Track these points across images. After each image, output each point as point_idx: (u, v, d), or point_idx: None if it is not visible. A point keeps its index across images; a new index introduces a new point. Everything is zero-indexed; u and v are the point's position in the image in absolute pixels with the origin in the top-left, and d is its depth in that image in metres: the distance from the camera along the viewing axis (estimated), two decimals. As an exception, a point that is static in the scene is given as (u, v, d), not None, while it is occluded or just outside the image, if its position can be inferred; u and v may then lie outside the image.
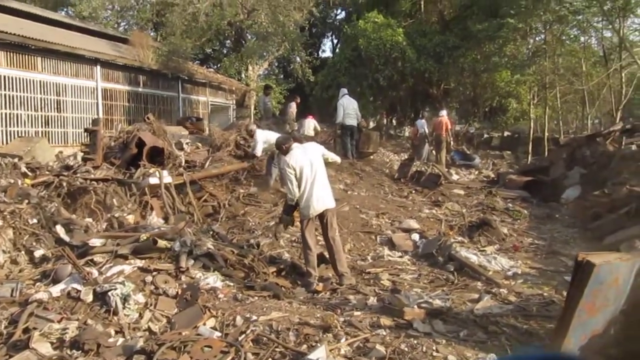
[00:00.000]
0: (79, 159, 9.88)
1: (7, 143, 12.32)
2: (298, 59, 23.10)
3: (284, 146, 6.45)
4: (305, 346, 4.37)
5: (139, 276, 5.58)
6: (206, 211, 8.81)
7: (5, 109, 13.10)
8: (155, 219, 7.59)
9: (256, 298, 5.53)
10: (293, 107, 15.86)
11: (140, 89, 17.86)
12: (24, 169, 8.67)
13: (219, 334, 4.64)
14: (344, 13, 32.94)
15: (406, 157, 16.15)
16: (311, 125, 15.22)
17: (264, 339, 4.47)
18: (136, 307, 5.07)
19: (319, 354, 4.06)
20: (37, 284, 5.59)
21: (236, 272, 6.20)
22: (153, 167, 9.07)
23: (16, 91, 13.43)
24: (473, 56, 22.25)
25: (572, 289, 4.20)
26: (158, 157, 9.62)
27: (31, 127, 13.87)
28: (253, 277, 6.14)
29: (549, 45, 19.71)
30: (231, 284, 5.87)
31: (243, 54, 21.21)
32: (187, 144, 10.89)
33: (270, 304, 5.36)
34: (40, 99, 14.16)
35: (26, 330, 4.58)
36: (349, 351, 4.31)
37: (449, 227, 9.12)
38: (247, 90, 22.63)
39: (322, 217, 6.34)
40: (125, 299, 5.07)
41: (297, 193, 6.22)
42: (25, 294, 5.27)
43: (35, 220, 6.88)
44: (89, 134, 10.45)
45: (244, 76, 23.29)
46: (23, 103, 13.65)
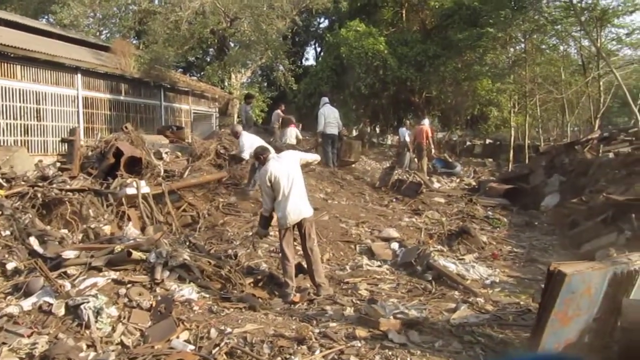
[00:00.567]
0: (57, 168, 9.73)
1: (-16, 152, 12.12)
2: (281, 67, 23.12)
3: (261, 156, 6.47)
4: (279, 359, 4.33)
5: (112, 289, 5.49)
6: (185, 221, 8.71)
7: (-16, 117, 12.94)
8: (132, 229, 7.49)
9: (232, 310, 5.46)
10: (280, 114, 15.85)
11: (122, 97, 17.73)
12: (-1, 179, 8.52)
13: (192, 347, 4.58)
14: (326, 21, 33.18)
15: (388, 165, 16.14)
16: (293, 133, 15.21)
17: (238, 351, 4.42)
18: (109, 320, 4.98)
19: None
20: (8, 297, 5.46)
21: (212, 283, 6.13)
22: (131, 177, 8.95)
23: (-5, 100, 13.26)
24: (454, 65, 22.49)
25: (544, 298, 4.22)
26: (136, 167, 9.52)
27: (10, 136, 13.70)
28: (230, 288, 6.07)
29: (529, 54, 19.99)
30: (207, 295, 5.79)
31: (226, 62, 21.21)
32: (166, 153, 10.78)
33: (245, 316, 5.30)
34: (20, 107, 13.99)
35: (-5, 346, 4.48)
36: (323, 363, 4.28)
37: (428, 236, 9.11)
38: (230, 98, 22.60)
39: (300, 227, 6.31)
40: (98, 312, 4.98)
41: (270, 206, 6.25)
42: (-4, 308, 5.15)
43: (8, 232, 6.75)
44: (66, 143, 10.32)
45: (227, 84, 23.24)
46: (2, 111, 13.48)
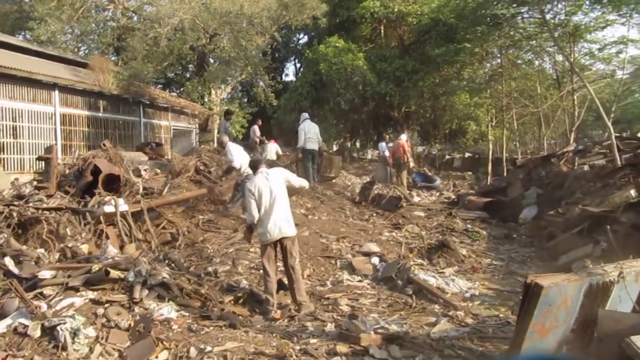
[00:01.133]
0: (34, 186, 9.60)
1: (-41, 171, 11.92)
2: (261, 83, 23.11)
3: (255, 168, 6.57)
4: (259, 377, 4.30)
5: (90, 309, 5.42)
6: (164, 239, 8.64)
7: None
8: (111, 248, 7.39)
9: (212, 328, 5.42)
10: (257, 130, 15.88)
11: (100, 114, 17.59)
12: (-27, 199, 8.38)
13: (171, 367, 4.53)
14: (306, 37, 33.31)
15: (368, 180, 16.22)
16: (273, 149, 15.24)
17: (218, 370, 4.38)
18: (86, 341, 4.91)
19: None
20: (-18, 320, 5.35)
21: (192, 301, 6.07)
22: (109, 195, 8.87)
23: (-31, 117, 13.09)
24: (432, 80, 22.76)
25: (522, 311, 4.24)
26: (114, 184, 9.42)
27: (-15, 153, 13.50)
28: (209, 306, 6.02)
29: (505, 69, 20.33)
30: (186, 314, 5.74)
31: (205, 78, 21.16)
32: (145, 170, 10.70)
33: (225, 334, 5.27)
34: (-5, 125, 13.82)
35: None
36: (303, 381, 4.26)
37: (408, 250, 9.15)
38: (210, 114, 22.52)
39: (282, 244, 6.30)
40: (75, 333, 4.90)
41: (254, 214, 6.23)
42: (-31, 331, 5.04)
43: (-18, 253, 6.63)
44: (43, 161, 10.19)
45: (206, 100, 23.16)
46: (-23, 130, 13.30)
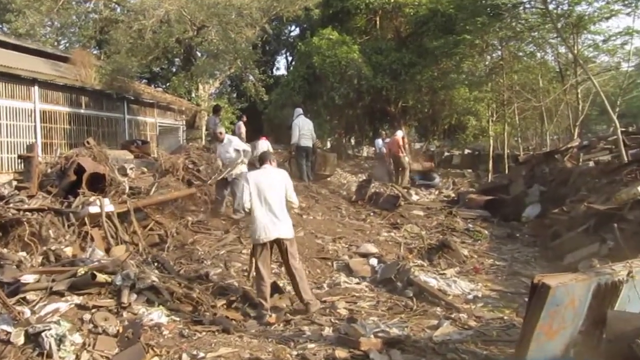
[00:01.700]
0: (14, 187, 9.55)
1: None
2: (251, 77, 23.08)
3: (263, 160, 6.69)
4: (255, 384, 4.31)
5: (76, 314, 5.39)
6: (152, 241, 8.62)
7: None
8: (96, 250, 7.37)
9: (204, 333, 5.41)
10: (242, 126, 15.86)
11: (82, 111, 17.49)
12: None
13: (162, 374, 4.53)
14: (298, 30, 33.29)
15: (364, 178, 16.23)
16: (264, 147, 15.19)
17: (212, 377, 4.38)
18: (73, 348, 4.89)
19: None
20: (-38, 327, 5.32)
21: (183, 305, 6.07)
22: (94, 195, 8.84)
23: (-56, 115, 13.00)
24: (430, 73, 22.76)
25: (529, 311, 4.27)
26: (99, 184, 9.39)
27: (-39, 153, 13.42)
28: (201, 310, 6.02)
29: (506, 62, 20.34)
30: (177, 319, 5.73)
31: (193, 72, 21.08)
32: (131, 169, 10.69)
33: (219, 339, 5.27)
34: (-28, 123, 13.74)
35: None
36: (301, 387, 4.27)
37: (408, 251, 9.20)
38: (198, 110, 22.49)
39: (280, 246, 6.32)
40: (61, 339, 4.88)
41: (247, 200, 6.28)
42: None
43: (-39, 257, 6.60)
44: (23, 160, 10.14)
45: (194, 96, 23.13)
46: (-48, 128, 13.20)
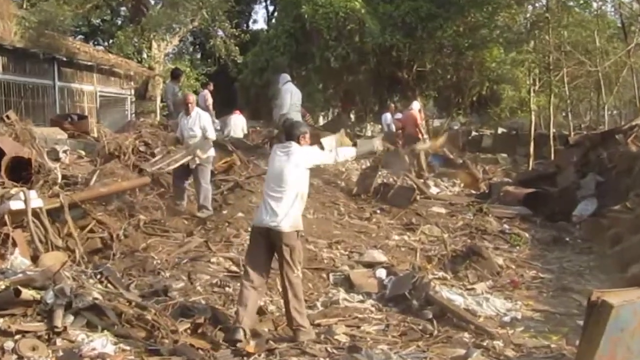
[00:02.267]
0: None
1: None
2: (220, 32, 23.04)
3: (299, 134, 6.56)
4: None
5: (-6, 342, 5.40)
6: (93, 246, 8.63)
7: None
8: (19, 259, 7.36)
9: (162, 366, 5.44)
10: (208, 97, 15.81)
11: (-1, 75, 17.43)
12: None
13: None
14: (282, -30, 33.17)
15: (369, 164, 16.24)
16: (239, 124, 15.22)
17: None
18: (-10, 386, 4.91)
19: None
20: None
21: (134, 330, 6.07)
22: (16, 185, 8.81)
23: None
24: (455, 29, 22.73)
25: (584, 338, 4.32)
26: (23, 171, 9.37)
27: None
28: (158, 337, 6.03)
29: (553, 14, 20.29)
30: (127, 347, 5.74)
31: (144, 25, 20.98)
32: (65, 152, 10.66)
33: (182, 373, 5.29)
34: None
35: None
36: None
37: (426, 259, 9.23)
38: (151, 75, 22.42)
39: (275, 244, 6.32)
40: (-26, 376, 4.90)
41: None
42: None
43: None
44: None
45: (145, 57, 23.08)
46: None
